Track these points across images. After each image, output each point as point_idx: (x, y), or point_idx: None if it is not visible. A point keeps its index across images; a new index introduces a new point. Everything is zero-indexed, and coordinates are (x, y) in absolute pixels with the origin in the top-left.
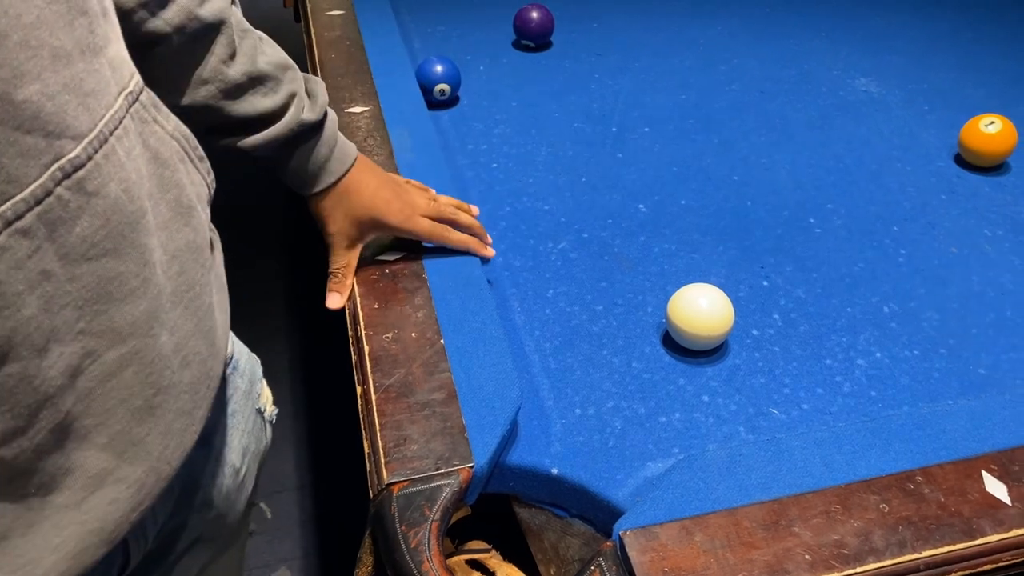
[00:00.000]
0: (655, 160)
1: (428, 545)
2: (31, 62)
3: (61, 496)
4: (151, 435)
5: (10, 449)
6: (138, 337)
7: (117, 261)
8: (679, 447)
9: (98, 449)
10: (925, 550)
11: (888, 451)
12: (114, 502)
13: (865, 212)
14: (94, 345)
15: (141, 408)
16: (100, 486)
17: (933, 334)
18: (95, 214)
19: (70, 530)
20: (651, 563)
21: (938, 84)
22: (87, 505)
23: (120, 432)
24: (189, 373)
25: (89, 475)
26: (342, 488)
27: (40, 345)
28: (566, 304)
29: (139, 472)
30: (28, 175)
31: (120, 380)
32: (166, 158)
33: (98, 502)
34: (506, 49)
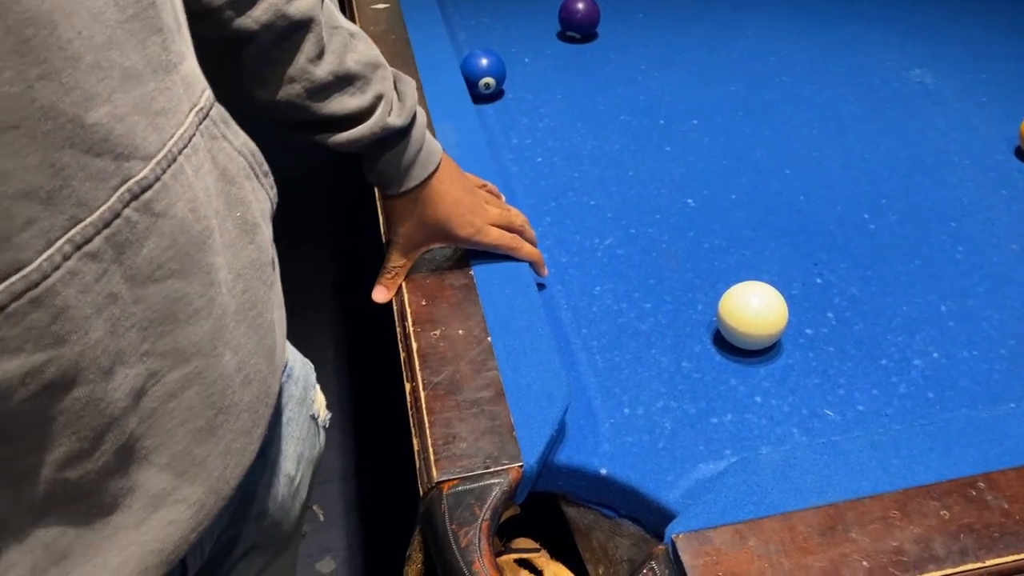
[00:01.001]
0: (704, 153)
1: (479, 545)
2: (102, 84)
3: (122, 516)
4: (212, 455)
5: (75, 471)
6: (201, 357)
7: (183, 282)
8: (731, 449)
9: (158, 469)
10: (988, 559)
11: (948, 455)
12: (174, 523)
13: (921, 208)
14: (158, 366)
15: (203, 428)
16: (160, 506)
17: (993, 334)
18: (162, 235)
19: (130, 551)
20: (704, 567)
21: (996, 74)
22: (147, 526)
23: (181, 452)
24: (250, 392)
25: (149, 495)
26: (387, 479)
27: (106, 368)
28: (613, 301)
29: (199, 492)
30: (97, 198)
31: (182, 401)
32: (233, 175)
33: (158, 522)
34: (551, 41)
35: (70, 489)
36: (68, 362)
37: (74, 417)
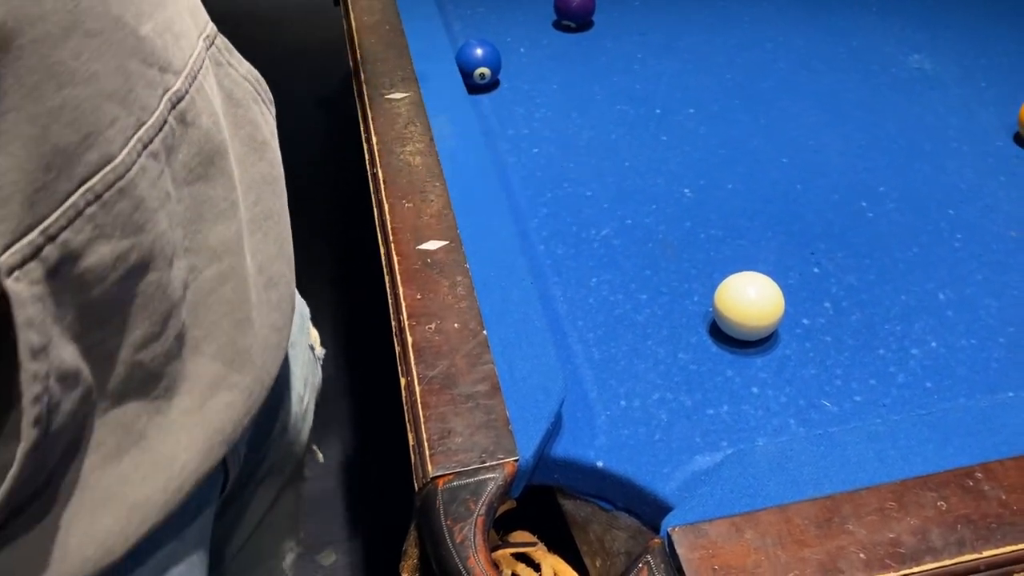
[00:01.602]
0: (700, 142)
1: (474, 540)
2: (145, 2)
3: (185, 401)
4: (253, 346)
5: (147, 353)
6: (231, 256)
7: (208, 186)
8: (727, 440)
9: (209, 359)
10: (986, 550)
11: (945, 446)
12: (230, 406)
13: (919, 195)
14: (196, 262)
15: (242, 321)
16: (216, 392)
17: (991, 322)
18: (191, 142)
19: (197, 431)
20: (700, 560)
21: (996, 59)
22: (207, 409)
23: (226, 343)
24: (276, 293)
25: (205, 382)
26: (387, 471)
27: (168, 257)
28: (609, 292)
29: (247, 380)
30: (152, 104)
31: (220, 295)
32: (239, 98)
33: (217, 405)
34: (546, 30)
35: (142, 372)
36: (145, 249)
37: (147, 301)
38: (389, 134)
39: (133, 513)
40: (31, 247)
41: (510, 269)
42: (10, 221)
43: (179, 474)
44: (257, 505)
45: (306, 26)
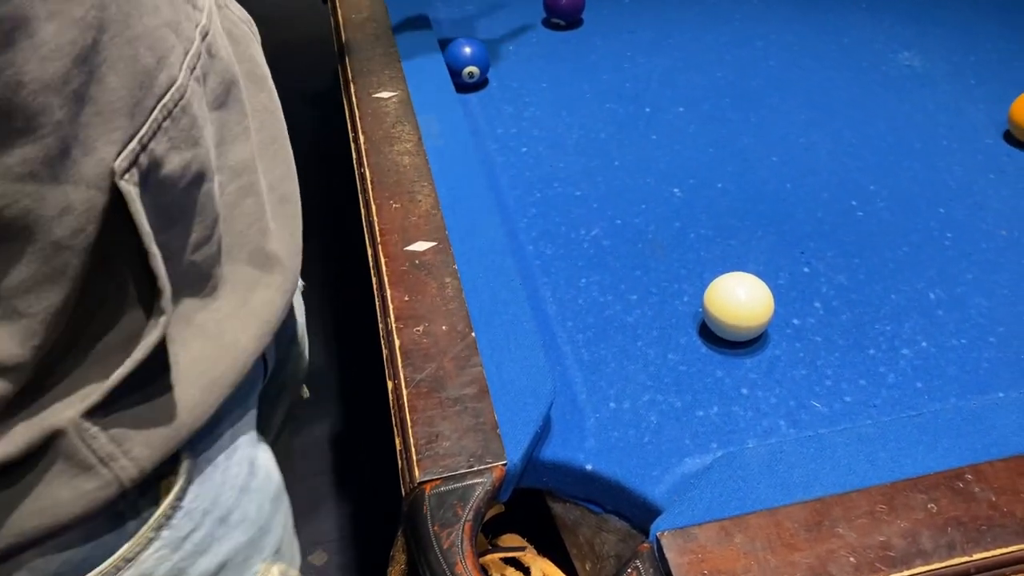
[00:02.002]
0: (690, 141)
1: (461, 546)
2: None
3: (230, 300)
4: (279, 251)
5: (199, 254)
6: (248, 174)
7: (227, 112)
8: (717, 442)
9: (243, 263)
10: (976, 552)
11: (936, 447)
12: (268, 302)
13: (909, 193)
14: (222, 179)
15: (264, 230)
16: (254, 291)
17: (982, 322)
18: (215, 72)
19: (248, 321)
20: (689, 565)
21: (985, 57)
22: (250, 305)
23: (255, 250)
24: (290, 207)
25: (244, 283)
26: (378, 472)
27: (212, 171)
28: (599, 293)
29: (278, 280)
30: (191, 35)
31: (243, 208)
32: (238, 36)
33: (257, 302)
34: (535, 28)
35: (195, 272)
36: (200, 161)
37: (202, 208)
38: (377, 133)
39: (211, 388)
40: (132, 154)
41: (499, 270)
42: (119, 131)
43: (240, 354)
44: (275, 420)
45: (293, 24)
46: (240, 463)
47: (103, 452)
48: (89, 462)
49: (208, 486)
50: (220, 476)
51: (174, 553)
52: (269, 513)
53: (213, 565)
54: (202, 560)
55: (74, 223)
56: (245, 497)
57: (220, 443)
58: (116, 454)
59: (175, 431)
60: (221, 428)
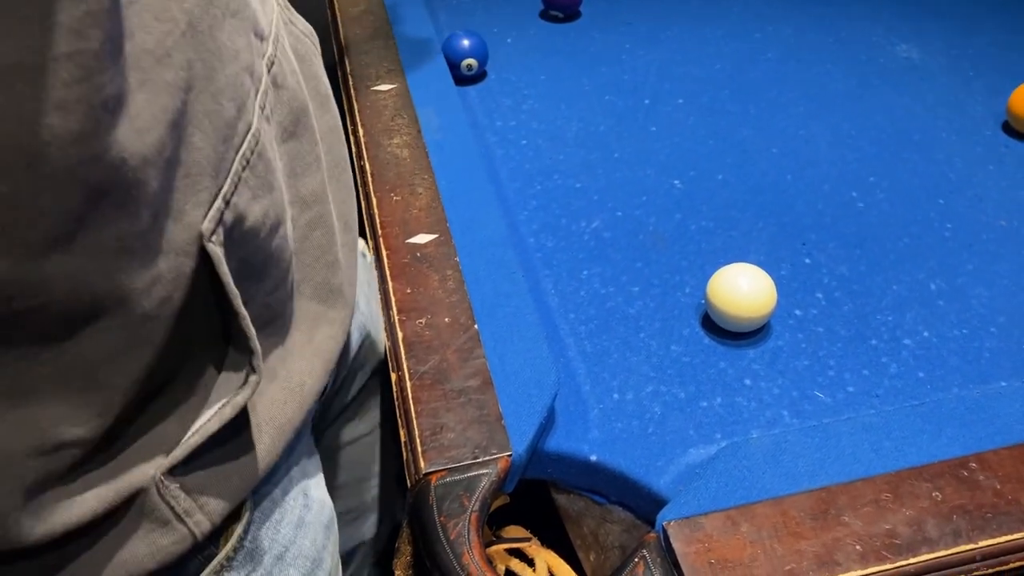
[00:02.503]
0: (690, 133)
1: (468, 537)
2: None
3: (296, 337)
4: (343, 284)
5: (273, 297)
6: (318, 204)
7: (298, 143)
8: (721, 433)
9: (308, 299)
10: (981, 540)
11: (939, 436)
12: (331, 337)
13: (909, 185)
14: (293, 212)
15: (331, 263)
16: (318, 326)
17: (983, 312)
18: (283, 103)
19: (313, 360)
20: (696, 555)
21: (984, 49)
22: (315, 340)
23: (321, 284)
24: (351, 235)
25: (309, 319)
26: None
27: (287, 211)
28: (600, 285)
29: (341, 314)
30: (260, 71)
31: (312, 241)
32: (303, 54)
33: (320, 337)
34: (533, 20)
35: (269, 314)
36: (278, 205)
37: (279, 253)
38: (376, 126)
39: (280, 433)
40: (218, 212)
41: (500, 263)
42: (206, 192)
43: (306, 396)
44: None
45: None
46: (296, 497)
47: (181, 508)
48: (167, 518)
49: (267, 525)
50: (279, 514)
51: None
52: (322, 545)
53: None
54: None
55: (162, 292)
56: (300, 532)
57: (278, 480)
58: (193, 510)
59: (248, 481)
60: (280, 466)
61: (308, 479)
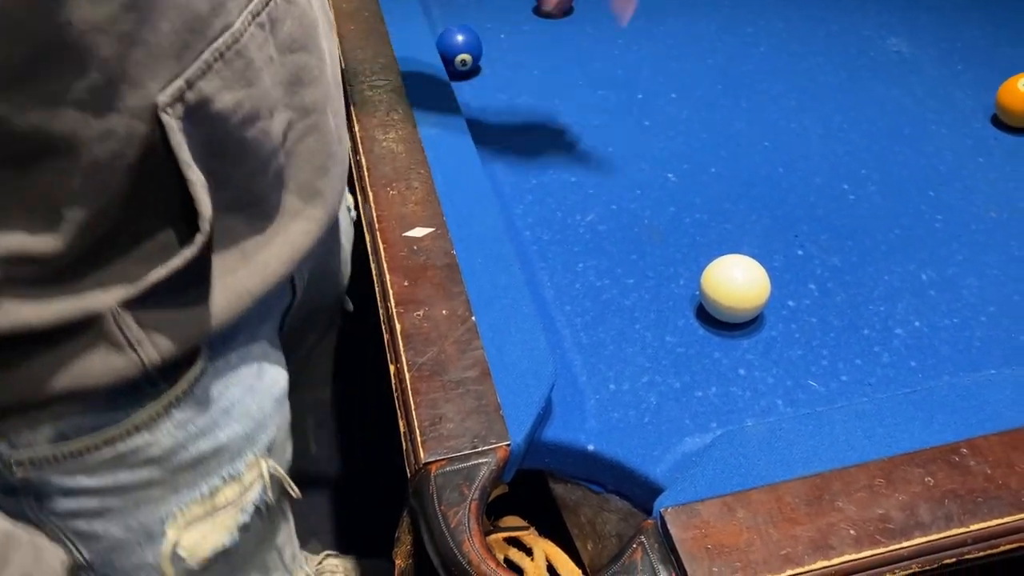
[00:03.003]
0: (683, 127)
1: (468, 525)
2: None
3: (275, 224)
4: (326, 188)
5: (253, 183)
6: (317, 114)
7: (306, 55)
8: (716, 422)
9: (292, 194)
10: (973, 524)
11: (931, 423)
12: (306, 232)
13: (900, 177)
14: (293, 116)
15: (320, 167)
16: (295, 220)
17: (973, 301)
18: (294, 17)
19: (283, 248)
20: (693, 540)
21: (972, 42)
22: (290, 232)
23: (305, 183)
24: (343, 148)
25: (289, 212)
26: (376, 459)
27: (270, 109)
28: (596, 278)
29: (318, 213)
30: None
31: (307, 144)
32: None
33: (296, 230)
34: (527, 15)
35: (249, 196)
36: (254, 100)
37: (256, 142)
38: (371, 122)
39: (236, 298)
40: (178, 91)
41: (497, 255)
42: (165, 71)
43: (268, 275)
44: (302, 338)
45: None
46: (250, 366)
47: (133, 337)
48: (120, 343)
49: (219, 382)
50: (232, 376)
51: (178, 431)
52: (268, 413)
53: (210, 448)
54: (202, 442)
55: (115, 147)
56: (249, 395)
57: (236, 346)
58: (143, 340)
59: (197, 330)
60: (239, 334)
61: (267, 359)
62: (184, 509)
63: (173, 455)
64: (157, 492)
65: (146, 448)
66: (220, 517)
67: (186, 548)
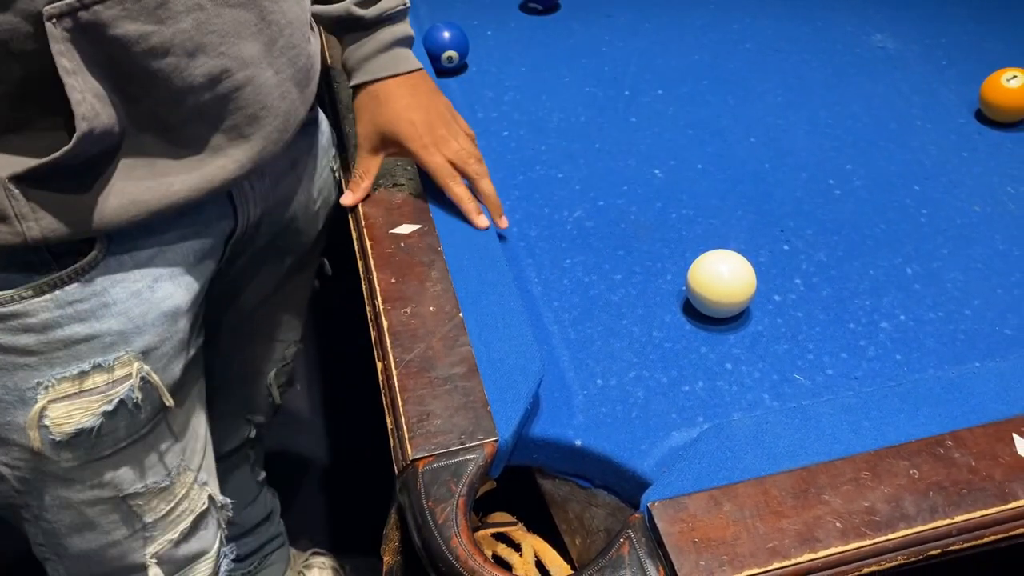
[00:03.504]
0: (670, 123)
1: (456, 521)
2: None
3: (193, 153)
4: (254, 136)
5: (165, 110)
6: (255, 67)
7: (246, 12)
8: (703, 416)
9: (220, 133)
10: (957, 515)
11: (916, 416)
12: (223, 167)
13: (885, 172)
14: (228, 65)
15: (251, 116)
16: (216, 155)
17: (957, 295)
18: None
19: (195, 175)
20: (680, 534)
21: (956, 38)
22: (207, 164)
23: (234, 127)
24: (285, 105)
25: (211, 146)
26: (363, 457)
27: (190, 52)
28: (583, 274)
29: (240, 156)
30: None
31: (242, 93)
32: None
33: (214, 164)
34: (513, 12)
35: (161, 123)
36: (164, 37)
37: (167, 76)
38: None
39: (131, 204)
40: (68, 7)
41: (484, 252)
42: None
43: (171, 194)
44: (262, 279)
45: None
46: (145, 276)
47: (18, 209)
48: (7, 213)
49: (107, 277)
50: (122, 277)
51: (57, 309)
52: (150, 322)
53: (83, 333)
54: (77, 326)
55: (4, 36)
56: (134, 300)
57: (135, 252)
58: (28, 215)
59: (83, 223)
60: (141, 241)
61: (168, 275)
62: (55, 384)
63: (48, 329)
64: (32, 360)
65: (25, 315)
66: (86, 399)
67: (51, 419)
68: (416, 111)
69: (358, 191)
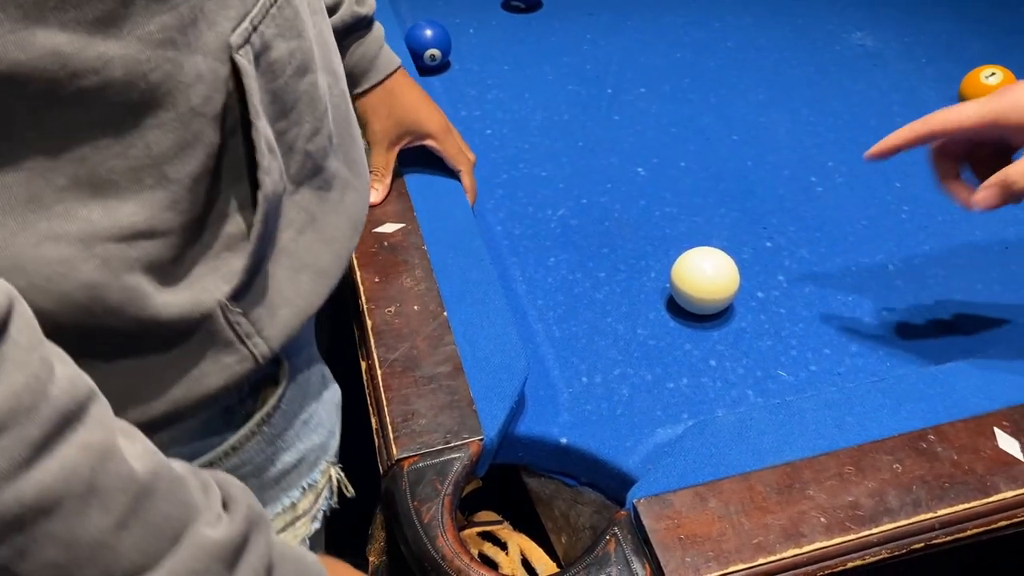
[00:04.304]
0: (652, 121)
1: (441, 520)
2: None
3: (334, 194)
4: (359, 160)
5: (313, 144)
6: (343, 81)
7: (323, 20)
8: (688, 413)
9: (340, 163)
10: (940, 509)
11: (899, 411)
12: (355, 202)
13: (866, 169)
14: (330, 80)
15: (354, 136)
16: (347, 190)
17: (938, 291)
18: None
19: (342, 217)
20: (666, 531)
21: (936, 36)
22: (345, 201)
23: (347, 151)
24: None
25: (341, 181)
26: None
27: (316, 65)
28: (568, 272)
29: (361, 184)
30: None
31: (342, 110)
32: None
33: (349, 199)
34: (495, 11)
35: (312, 164)
36: (304, 51)
37: (310, 98)
38: None
39: (320, 277)
40: (246, 32)
41: (468, 250)
42: (234, 10)
43: (340, 250)
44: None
45: None
46: (316, 373)
47: (243, 331)
48: (231, 340)
49: (298, 391)
50: (305, 386)
51: (268, 447)
52: (334, 420)
53: (293, 460)
54: (286, 455)
55: (205, 91)
56: (320, 404)
57: (304, 355)
58: (252, 333)
59: (295, 314)
60: (302, 341)
61: (321, 362)
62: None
63: (263, 472)
64: None
65: (240, 468)
66: (298, 528)
67: None
68: (424, 99)
69: (383, 188)
